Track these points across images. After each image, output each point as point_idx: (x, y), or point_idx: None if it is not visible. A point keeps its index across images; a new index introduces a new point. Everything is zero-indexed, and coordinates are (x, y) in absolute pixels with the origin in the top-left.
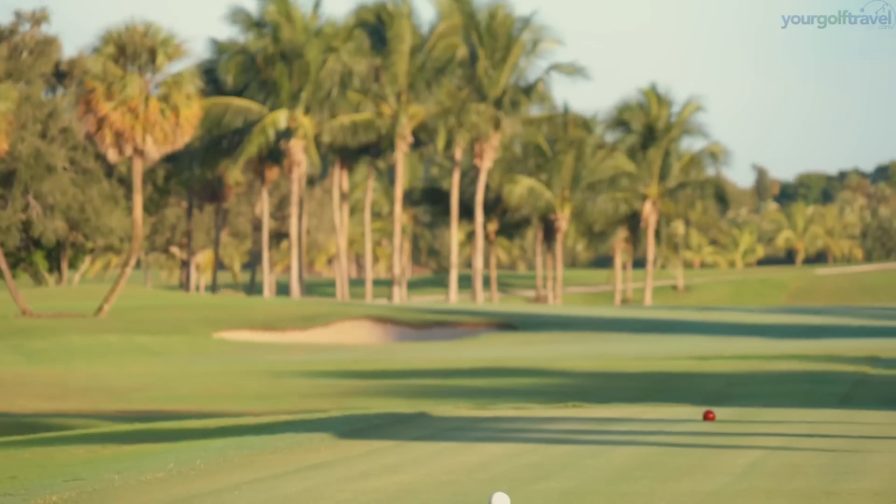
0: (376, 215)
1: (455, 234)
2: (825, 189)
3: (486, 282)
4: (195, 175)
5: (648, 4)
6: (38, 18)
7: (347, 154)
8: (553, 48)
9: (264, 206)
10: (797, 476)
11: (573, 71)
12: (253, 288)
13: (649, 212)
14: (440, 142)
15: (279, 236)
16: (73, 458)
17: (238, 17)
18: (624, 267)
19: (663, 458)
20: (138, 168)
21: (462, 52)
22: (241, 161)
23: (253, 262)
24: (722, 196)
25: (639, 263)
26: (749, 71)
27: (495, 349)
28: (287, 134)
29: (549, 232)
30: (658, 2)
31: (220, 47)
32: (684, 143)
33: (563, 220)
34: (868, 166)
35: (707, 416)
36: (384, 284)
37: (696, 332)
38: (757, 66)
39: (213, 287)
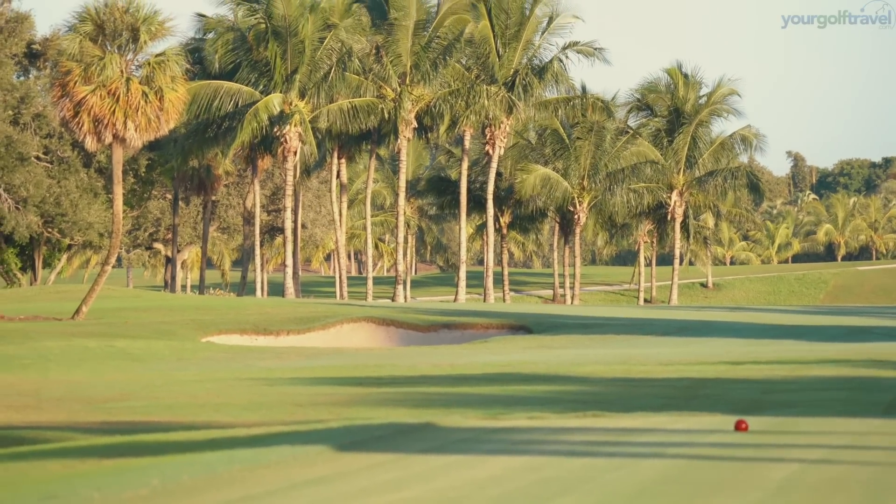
0: (378, 207)
1: (464, 227)
2: (868, 178)
3: (498, 280)
4: (181, 165)
5: None
6: None
7: (346, 141)
8: (570, 23)
9: (256, 198)
10: (838, 492)
11: (591, 52)
12: (244, 288)
13: (676, 203)
14: (443, 127)
15: (272, 231)
16: (49, 473)
17: None
18: (648, 263)
19: (691, 473)
20: (119, 157)
21: (471, 28)
22: (232, 149)
23: (244, 259)
24: (755, 185)
25: (665, 260)
26: (783, 51)
27: (508, 353)
28: (281, 119)
29: (567, 225)
30: None
31: (207, 25)
32: (714, 128)
33: (582, 212)
34: None
35: (739, 427)
36: (387, 283)
37: (727, 334)
38: (792, 45)
39: (201, 287)
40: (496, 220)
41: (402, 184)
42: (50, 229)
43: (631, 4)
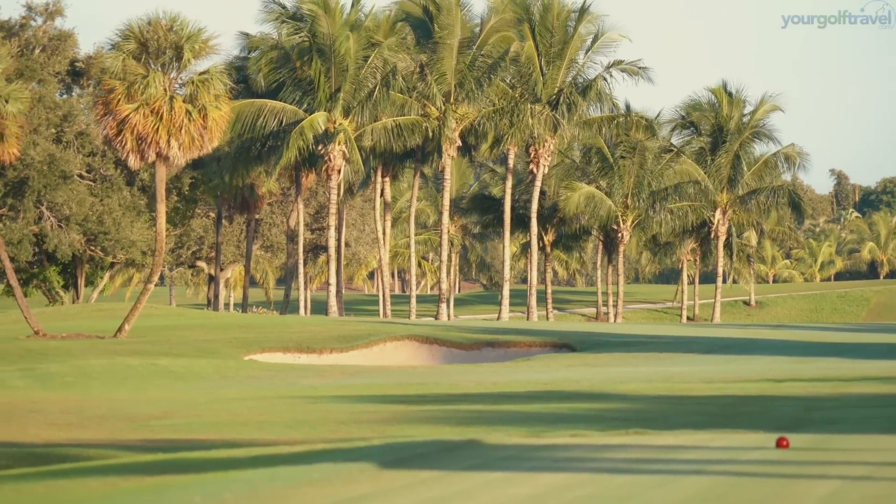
0: (422, 226)
1: (507, 246)
2: None
3: (542, 298)
4: (224, 183)
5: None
6: (52, 12)
7: (390, 159)
8: (615, 42)
9: (300, 216)
10: None
11: (636, 71)
12: (287, 306)
13: (719, 221)
14: (486, 145)
15: (316, 249)
16: (90, 491)
17: (271, 9)
18: (691, 281)
19: (733, 490)
20: (162, 175)
21: (516, 47)
22: (278, 168)
23: (287, 277)
24: (798, 204)
25: (708, 278)
26: (824, 70)
27: (551, 371)
28: (325, 137)
29: (611, 244)
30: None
31: (251, 43)
32: (758, 147)
33: (626, 230)
34: None
35: (781, 444)
36: (430, 301)
37: (770, 351)
38: (830, 64)
39: (244, 305)
40: (540, 238)
41: (446, 202)
42: (92, 247)
43: (674, 21)
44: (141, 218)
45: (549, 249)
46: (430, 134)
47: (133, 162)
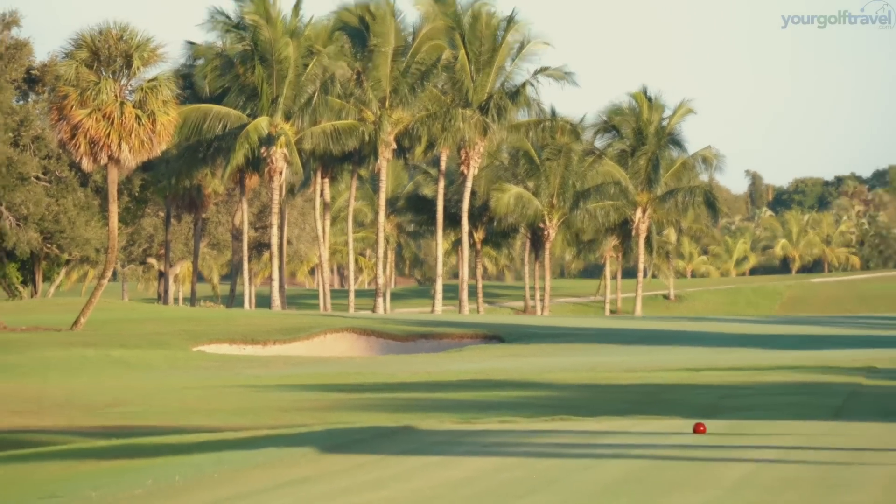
0: (359, 224)
1: (440, 243)
2: (821, 195)
3: (473, 292)
4: (173, 184)
5: (639, 4)
6: (9, 22)
7: (329, 161)
8: (540, 50)
9: (244, 215)
10: (789, 490)
11: (561, 76)
12: (233, 300)
13: (640, 220)
14: (420, 148)
15: (259, 247)
16: (49, 474)
17: (216, 18)
18: (614, 277)
19: (652, 472)
20: (114, 177)
21: (447, 55)
22: (228, 171)
23: (233, 273)
24: (713, 203)
25: (629, 273)
26: (742, 74)
27: (481, 361)
28: (268, 141)
29: (537, 241)
30: (649, 2)
31: (197, 51)
32: (677, 151)
33: (552, 228)
34: (865, 171)
35: (697, 429)
36: (367, 295)
37: (688, 342)
38: (748, 70)
39: (192, 299)
40: (470, 235)
41: (382, 202)
42: (49, 245)
43: (600, 26)
44: (94, 217)
45: (479, 246)
46: (367, 137)
47: (86, 164)
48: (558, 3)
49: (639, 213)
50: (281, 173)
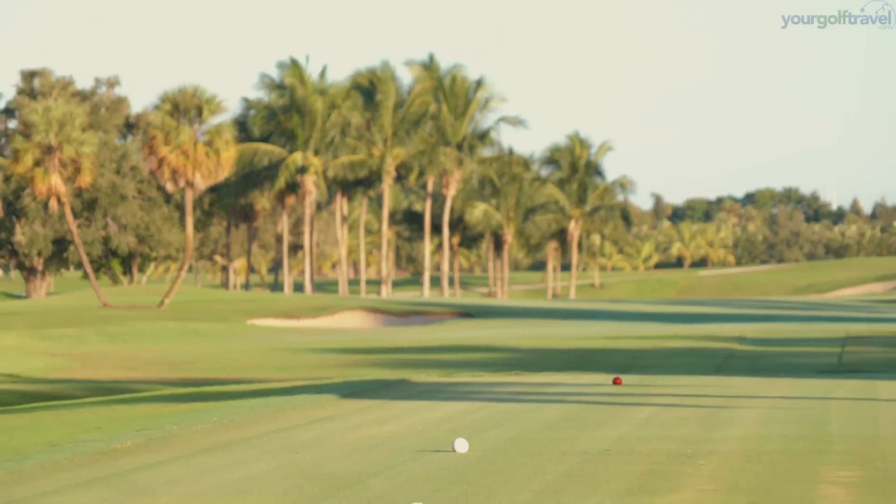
0: (368, 231)
1: (427, 245)
2: (706, 211)
3: (451, 281)
4: (232, 202)
5: (576, 62)
6: (112, 83)
7: (346, 185)
8: (501, 105)
9: (284, 225)
10: (683, 425)
11: (516, 122)
12: (276, 286)
13: (573, 228)
14: (413, 176)
15: (295, 248)
16: (142, 413)
17: (264, 80)
18: (554, 270)
19: (583, 413)
20: (189, 196)
21: (433, 108)
22: (273, 192)
23: (276, 266)
24: (628, 217)
25: (566, 267)
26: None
27: (458, 332)
28: (302, 170)
29: (499, 244)
30: (581, 59)
31: (250, 104)
32: (599, 177)
33: (509, 234)
34: (739, 193)
35: (615, 382)
36: (374, 283)
37: (608, 318)
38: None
39: (247, 286)
40: (450, 240)
41: (385, 215)
42: (142, 246)
43: (547, 81)
44: (175, 226)
45: (455, 248)
46: (374, 168)
47: (169, 187)
48: (516, 62)
49: (573, 224)
50: (311, 194)
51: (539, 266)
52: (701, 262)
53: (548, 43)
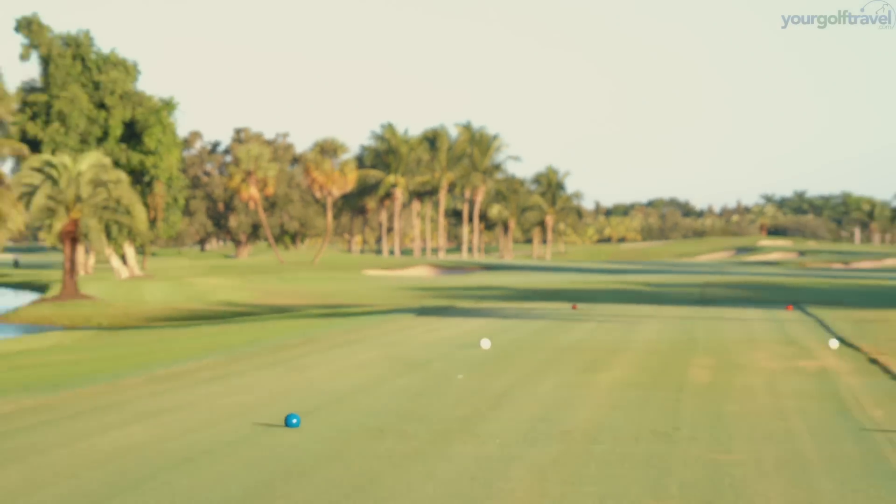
0: (431, 221)
1: (465, 229)
2: (625, 210)
3: (478, 249)
4: (353, 203)
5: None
6: (285, 135)
7: (419, 194)
8: (506, 148)
9: (383, 218)
10: (612, 333)
11: (516, 158)
12: (379, 252)
13: (549, 220)
14: (457, 189)
15: (389, 230)
16: (301, 324)
17: (373, 134)
18: (538, 244)
19: (552, 327)
20: (329, 203)
21: (468, 150)
22: (377, 198)
23: (378, 240)
24: (580, 213)
25: (544, 242)
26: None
27: (482, 279)
28: (393, 186)
29: (506, 229)
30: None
31: (365, 148)
32: (563, 191)
33: (512, 223)
34: (644, 199)
35: (573, 307)
36: (434, 251)
37: (569, 272)
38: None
39: (362, 251)
40: (478, 226)
41: (441, 211)
42: (302, 228)
43: (533, 130)
44: (321, 217)
45: (481, 230)
46: (435, 185)
47: (318, 195)
48: (518, 120)
49: (548, 217)
50: (398, 200)
51: (529, 241)
52: (621, 240)
53: (538, 105)
